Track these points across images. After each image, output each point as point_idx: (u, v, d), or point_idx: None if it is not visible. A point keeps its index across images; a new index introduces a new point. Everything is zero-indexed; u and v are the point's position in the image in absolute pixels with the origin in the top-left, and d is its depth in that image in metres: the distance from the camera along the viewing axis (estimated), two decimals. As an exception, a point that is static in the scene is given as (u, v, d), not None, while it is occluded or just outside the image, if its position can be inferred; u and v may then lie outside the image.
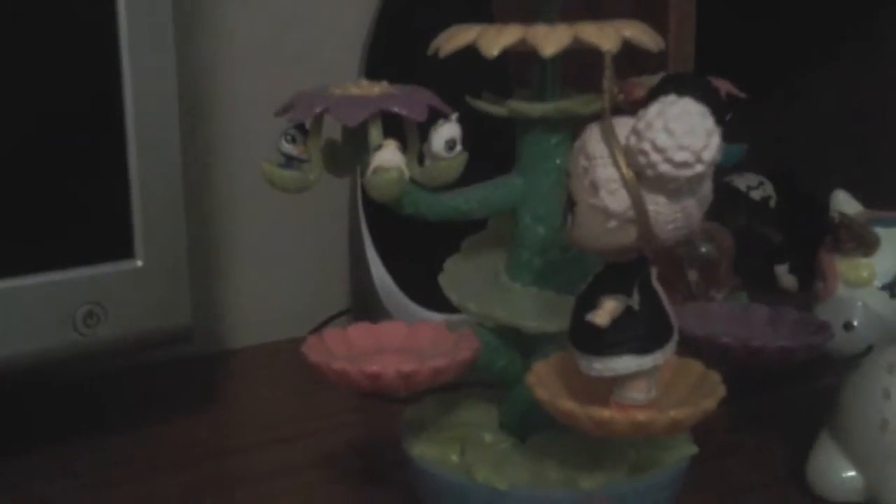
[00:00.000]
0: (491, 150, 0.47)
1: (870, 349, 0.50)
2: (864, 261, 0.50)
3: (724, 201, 0.73)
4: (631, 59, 0.45)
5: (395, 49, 0.63)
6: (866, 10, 0.79)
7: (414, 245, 0.61)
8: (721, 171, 0.74)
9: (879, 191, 0.55)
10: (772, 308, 0.49)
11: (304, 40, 0.74)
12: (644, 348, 0.38)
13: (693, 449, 0.46)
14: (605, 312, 0.37)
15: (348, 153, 0.44)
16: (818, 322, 0.48)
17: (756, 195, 0.76)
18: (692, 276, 0.51)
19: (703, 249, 0.50)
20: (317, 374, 0.42)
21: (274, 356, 0.73)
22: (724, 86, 0.48)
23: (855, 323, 0.50)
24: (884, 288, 0.50)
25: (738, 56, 0.70)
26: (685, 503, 0.49)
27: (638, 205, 0.36)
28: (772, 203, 0.76)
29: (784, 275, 0.75)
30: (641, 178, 0.36)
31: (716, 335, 0.45)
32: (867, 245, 0.50)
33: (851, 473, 0.51)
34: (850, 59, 0.81)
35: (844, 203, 0.53)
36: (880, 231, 0.51)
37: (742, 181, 0.76)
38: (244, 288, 0.76)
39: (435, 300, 0.48)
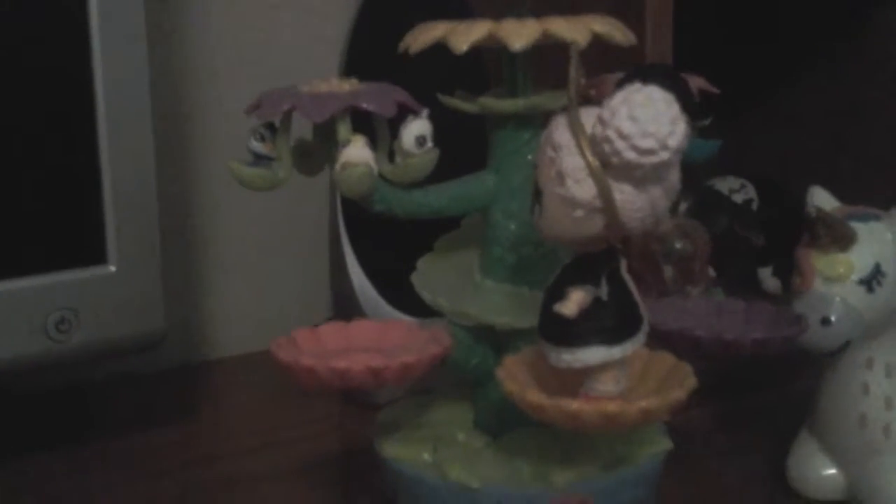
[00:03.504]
0: (465, 148, 0.47)
1: (847, 344, 0.50)
2: (841, 256, 0.50)
3: (706, 205, 0.73)
4: (606, 57, 0.45)
5: (373, 57, 0.63)
6: (850, 13, 0.79)
7: (395, 252, 0.61)
8: (700, 171, 0.74)
9: (860, 192, 0.55)
10: (747, 303, 0.49)
11: (284, 46, 0.74)
12: (613, 339, 0.38)
13: (668, 444, 0.46)
14: (573, 303, 0.37)
15: (319, 151, 0.44)
16: (793, 315, 0.48)
17: (738, 198, 0.76)
18: (667, 272, 0.51)
19: (678, 245, 0.50)
20: (286, 372, 0.42)
21: (253, 366, 0.73)
22: (697, 82, 0.48)
23: (832, 318, 0.49)
24: (861, 283, 0.50)
25: (719, 60, 0.70)
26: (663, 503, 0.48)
27: (604, 193, 0.36)
28: (754, 206, 0.76)
29: (768, 278, 0.75)
30: (607, 166, 0.36)
31: (689, 328, 0.45)
32: (844, 240, 0.50)
33: (832, 471, 0.51)
34: (831, 60, 0.82)
35: (821, 199, 0.53)
36: (857, 226, 0.51)
37: (724, 184, 0.76)
38: (224, 299, 0.76)
39: (416, 306, 0.47)
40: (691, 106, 0.36)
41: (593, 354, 0.38)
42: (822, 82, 0.82)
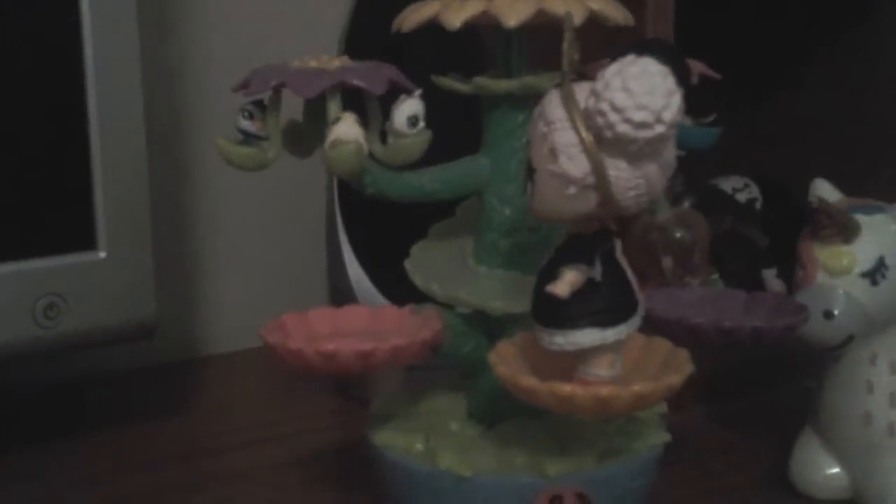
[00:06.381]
0: (459, 131, 0.46)
1: (850, 338, 0.49)
2: (844, 248, 0.49)
3: (709, 204, 0.71)
4: (606, 43, 0.44)
5: (372, 46, 0.62)
6: (855, 7, 0.78)
7: (392, 247, 0.60)
8: (702, 170, 0.72)
9: (863, 189, 0.54)
10: (748, 293, 0.48)
11: (281, 35, 0.74)
12: (607, 321, 0.37)
13: (666, 436, 0.44)
14: (565, 283, 0.36)
15: (309, 131, 0.43)
16: (795, 305, 0.47)
17: (742, 197, 0.74)
18: (666, 262, 0.49)
19: (678, 235, 0.49)
20: (274, 355, 0.41)
21: (249, 362, 0.72)
22: (697, 67, 0.47)
23: (835, 311, 0.48)
24: (864, 275, 0.49)
25: (721, 59, 0.70)
26: (664, 502, 0.47)
27: (598, 169, 0.35)
28: (758, 205, 0.74)
29: (772, 279, 0.73)
30: (601, 141, 0.35)
31: (687, 316, 0.43)
32: (847, 231, 0.49)
33: (835, 470, 0.50)
34: (835, 55, 0.80)
35: (824, 191, 0.52)
36: (861, 218, 0.50)
37: (727, 183, 0.75)
38: (220, 294, 0.75)
39: (414, 300, 0.47)
40: (687, 80, 0.35)
41: (587, 337, 0.37)
42: (825, 77, 0.81)
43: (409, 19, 0.42)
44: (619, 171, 0.35)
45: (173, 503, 0.52)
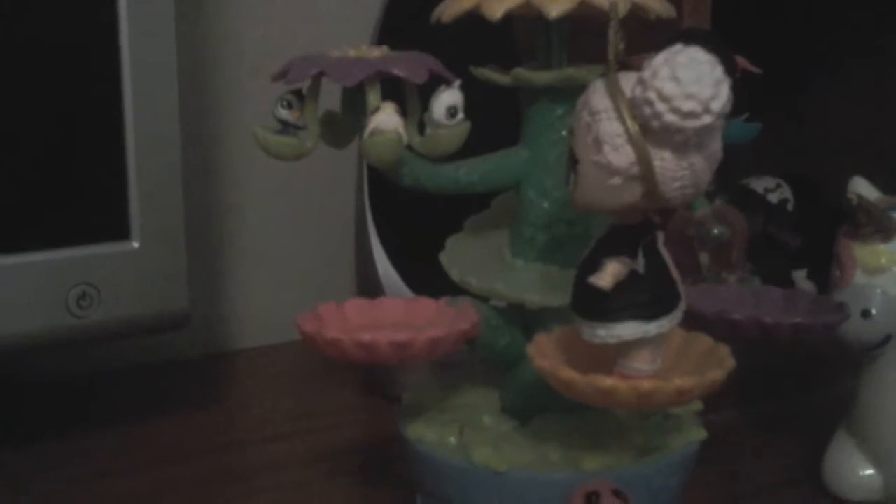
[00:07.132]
0: (497, 123, 0.46)
1: (888, 339, 0.48)
2: (882, 247, 0.49)
3: (741, 204, 0.71)
4: (642, 37, 0.43)
5: (406, 34, 0.62)
6: (890, 13, 0.77)
7: (421, 242, 0.60)
8: (734, 169, 0.72)
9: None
10: (786, 290, 0.47)
11: (312, 34, 0.74)
12: (649, 314, 0.36)
13: (702, 433, 0.44)
14: (608, 275, 0.36)
15: (347, 121, 0.43)
16: (834, 303, 0.46)
17: (773, 198, 0.74)
18: (703, 258, 0.49)
19: (716, 231, 0.48)
20: (310, 345, 0.41)
21: (277, 358, 0.72)
22: (739, 61, 0.46)
23: (873, 311, 0.48)
24: (903, 274, 0.49)
25: (756, 56, 0.69)
26: (695, 502, 0.47)
27: (643, 160, 0.34)
28: (790, 206, 0.74)
29: (802, 280, 0.73)
30: (647, 131, 0.34)
31: (726, 312, 0.43)
32: (886, 229, 0.48)
33: (870, 472, 0.50)
34: (868, 60, 0.80)
35: (863, 188, 0.51)
36: (899, 216, 0.49)
37: (759, 183, 0.74)
38: (248, 290, 0.75)
39: (443, 295, 0.46)
40: (734, 68, 0.34)
41: (629, 330, 0.36)
42: (857, 78, 0.80)
43: (450, 10, 0.42)
44: (664, 162, 0.34)
45: (200, 496, 0.52)
